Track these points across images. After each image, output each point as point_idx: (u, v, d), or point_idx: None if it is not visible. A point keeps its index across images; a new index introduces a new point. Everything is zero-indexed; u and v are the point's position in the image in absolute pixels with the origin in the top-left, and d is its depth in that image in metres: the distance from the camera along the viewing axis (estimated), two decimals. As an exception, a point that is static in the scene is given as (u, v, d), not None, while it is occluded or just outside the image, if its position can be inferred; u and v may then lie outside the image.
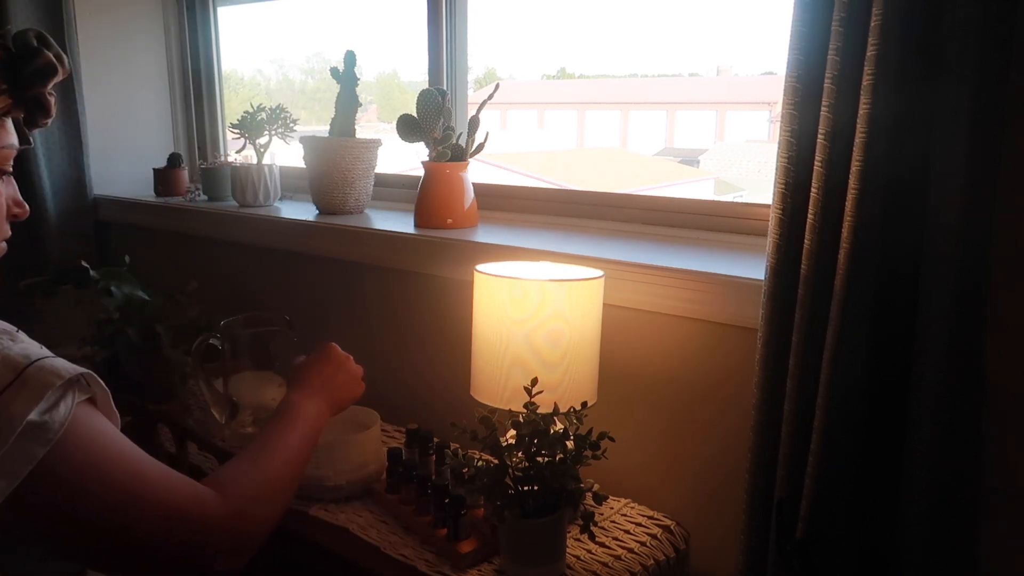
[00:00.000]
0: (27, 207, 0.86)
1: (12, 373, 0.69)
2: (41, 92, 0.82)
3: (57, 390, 0.70)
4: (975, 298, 0.93)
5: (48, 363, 0.71)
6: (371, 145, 1.80)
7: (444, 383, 1.58)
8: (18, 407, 0.67)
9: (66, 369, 0.72)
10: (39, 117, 0.84)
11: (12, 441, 0.66)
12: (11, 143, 0.82)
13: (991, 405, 0.98)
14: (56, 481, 0.69)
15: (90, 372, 0.75)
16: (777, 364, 1.04)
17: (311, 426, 1.01)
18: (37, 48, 0.81)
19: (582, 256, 1.31)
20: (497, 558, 1.14)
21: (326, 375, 1.11)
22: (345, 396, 1.13)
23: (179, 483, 0.78)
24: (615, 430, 1.11)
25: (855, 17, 0.92)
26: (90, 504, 0.71)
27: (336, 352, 1.17)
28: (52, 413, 0.69)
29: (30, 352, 0.72)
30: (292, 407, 1.01)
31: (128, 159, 2.40)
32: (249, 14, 2.50)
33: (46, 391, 0.69)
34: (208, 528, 0.78)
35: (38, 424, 0.68)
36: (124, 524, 0.73)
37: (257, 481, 0.87)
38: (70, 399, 0.71)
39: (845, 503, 1.01)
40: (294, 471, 0.93)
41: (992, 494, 1.00)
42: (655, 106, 5.48)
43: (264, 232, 1.88)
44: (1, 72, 0.79)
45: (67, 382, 0.71)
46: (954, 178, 0.90)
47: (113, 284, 1.63)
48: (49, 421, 0.69)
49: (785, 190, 1.01)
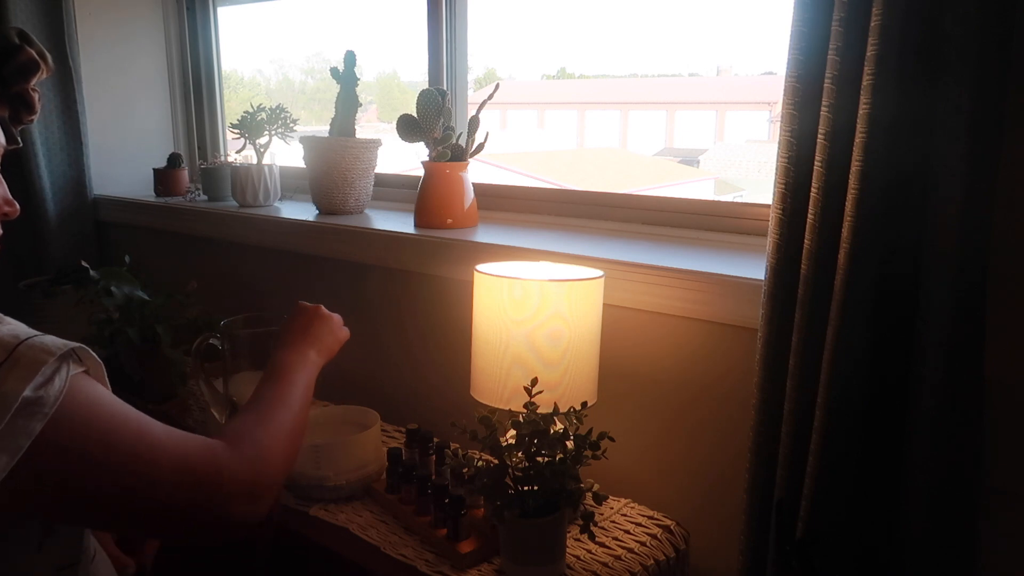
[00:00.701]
0: (17, 206, 0.86)
1: (3, 353, 0.69)
2: (24, 89, 0.82)
3: (50, 365, 0.70)
4: (975, 298, 0.93)
5: (38, 341, 0.71)
6: (371, 145, 1.80)
7: (444, 383, 1.58)
8: (12, 384, 0.67)
9: (56, 345, 0.72)
10: (24, 114, 0.84)
11: (8, 418, 0.66)
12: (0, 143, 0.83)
13: (991, 405, 0.98)
14: (59, 452, 0.69)
15: (82, 346, 0.75)
16: (777, 364, 1.04)
17: (308, 375, 1.01)
18: (18, 45, 0.82)
19: (582, 256, 1.31)
20: (497, 558, 1.14)
21: (302, 327, 1.10)
22: (330, 341, 1.11)
23: (186, 439, 0.78)
24: (615, 430, 1.11)
25: (855, 17, 0.92)
26: (98, 470, 0.71)
27: (305, 306, 1.15)
28: (47, 387, 0.69)
29: (19, 332, 0.72)
30: (281, 363, 1.01)
31: (128, 159, 2.40)
32: (249, 14, 2.50)
33: (39, 367, 0.69)
34: (221, 477, 0.77)
35: (33, 399, 0.68)
36: (135, 485, 0.73)
37: (265, 430, 0.86)
38: (64, 372, 0.71)
39: (845, 503, 1.01)
40: (298, 419, 0.93)
41: (992, 494, 1.00)
42: (655, 106, 5.48)
43: (264, 232, 1.88)
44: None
45: (59, 357, 0.71)
46: (954, 178, 0.90)
47: (113, 284, 1.63)
48: (44, 395, 0.69)
49: (785, 190, 1.01)
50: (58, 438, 0.69)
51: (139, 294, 1.65)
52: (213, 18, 2.40)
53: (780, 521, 1.04)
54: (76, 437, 0.71)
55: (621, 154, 5.75)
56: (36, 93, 0.84)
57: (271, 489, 0.83)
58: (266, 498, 0.81)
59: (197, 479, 0.76)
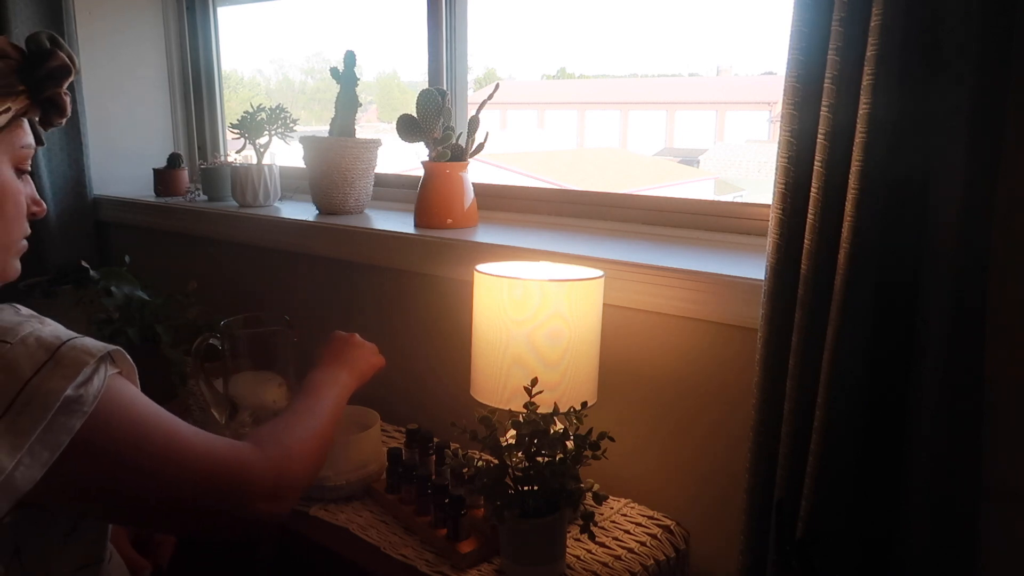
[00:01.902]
0: (44, 205, 0.90)
1: (47, 353, 0.72)
2: (57, 93, 0.84)
3: (90, 366, 0.73)
4: (975, 297, 0.93)
5: (79, 342, 0.75)
6: (371, 145, 1.80)
7: (444, 383, 1.58)
8: (55, 383, 0.70)
9: (96, 347, 0.75)
10: (54, 117, 0.86)
11: (51, 415, 0.69)
12: (29, 143, 0.85)
13: (991, 405, 0.98)
14: (96, 450, 0.73)
15: (118, 349, 0.78)
16: (777, 364, 1.04)
17: (338, 393, 1.06)
18: (50, 50, 0.83)
19: (582, 256, 1.31)
20: (497, 558, 1.14)
21: (335, 351, 1.16)
22: (364, 366, 1.17)
23: (215, 440, 0.82)
24: (615, 430, 1.11)
25: (855, 17, 0.92)
26: (129, 466, 0.75)
27: (341, 334, 1.22)
28: (87, 387, 0.72)
29: (60, 333, 0.75)
30: (311, 381, 1.07)
31: (128, 159, 2.40)
32: (249, 14, 2.50)
33: (81, 367, 0.72)
34: (246, 477, 0.81)
35: (74, 398, 0.71)
36: (163, 483, 0.77)
37: (293, 437, 0.91)
38: (103, 372, 0.75)
39: (845, 503, 1.01)
40: (325, 429, 0.98)
41: (992, 494, 1.00)
42: (655, 106, 5.48)
43: (264, 232, 1.88)
44: (17, 74, 0.82)
45: (99, 358, 0.74)
46: (954, 178, 0.90)
47: (113, 284, 1.63)
48: (84, 394, 0.72)
49: (785, 190, 1.01)
50: (94, 436, 0.73)
51: (139, 294, 1.65)
52: (213, 18, 2.40)
53: (780, 521, 1.04)
54: (111, 435, 0.74)
55: (621, 154, 5.75)
56: (67, 96, 0.86)
57: (294, 491, 0.87)
58: (289, 499, 0.86)
59: (223, 479, 0.80)
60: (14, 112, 0.81)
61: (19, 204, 0.84)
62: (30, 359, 0.71)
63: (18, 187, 0.84)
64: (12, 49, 0.83)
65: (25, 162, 0.85)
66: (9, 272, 0.85)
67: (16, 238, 0.85)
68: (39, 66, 0.83)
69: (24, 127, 0.85)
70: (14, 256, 0.86)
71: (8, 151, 0.83)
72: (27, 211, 0.86)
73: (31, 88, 0.83)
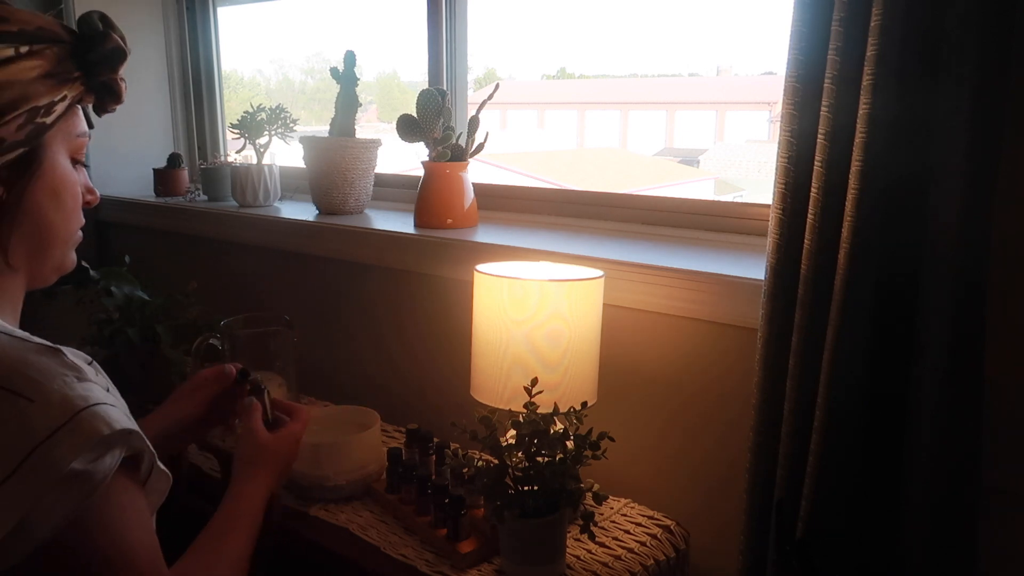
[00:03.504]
0: (97, 194, 0.87)
1: (66, 416, 0.68)
2: (113, 78, 0.82)
3: (104, 440, 0.69)
4: (975, 297, 0.93)
5: (103, 410, 0.70)
6: (371, 145, 1.80)
7: (444, 383, 1.58)
8: (65, 450, 0.66)
9: (119, 421, 0.71)
10: (109, 102, 0.83)
11: (53, 486, 0.66)
12: (85, 130, 0.82)
13: (991, 405, 0.98)
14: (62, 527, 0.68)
15: (139, 433, 0.73)
16: (777, 364, 1.04)
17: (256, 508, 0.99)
18: (104, 32, 0.81)
19: (582, 256, 1.31)
20: (497, 558, 1.14)
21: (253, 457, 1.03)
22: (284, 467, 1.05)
23: None
24: (615, 430, 1.11)
25: (855, 17, 0.92)
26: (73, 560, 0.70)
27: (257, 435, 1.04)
28: (97, 464, 0.68)
29: (90, 396, 0.70)
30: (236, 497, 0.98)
31: (128, 159, 2.40)
32: (249, 14, 2.50)
33: (94, 438, 0.68)
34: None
35: (80, 473, 0.67)
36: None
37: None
38: (117, 453, 0.70)
39: (845, 503, 1.01)
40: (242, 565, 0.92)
41: (992, 494, 1.00)
42: (655, 106, 5.48)
43: (264, 232, 1.88)
44: (70, 58, 0.78)
45: (115, 433, 0.70)
46: (954, 178, 0.90)
47: (113, 284, 1.63)
48: (92, 471, 0.68)
49: (785, 190, 1.01)
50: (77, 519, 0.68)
51: (139, 294, 1.64)
52: (213, 18, 2.40)
53: (780, 521, 1.04)
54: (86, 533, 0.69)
55: (621, 154, 5.75)
56: (123, 82, 0.83)
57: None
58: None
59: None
60: (70, 100, 0.78)
61: (77, 196, 0.82)
62: (47, 421, 0.67)
63: (75, 178, 0.82)
64: (65, 32, 0.80)
65: (81, 151, 0.82)
66: (67, 264, 0.84)
67: (75, 230, 0.83)
68: (93, 49, 0.80)
69: (79, 114, 0.82)
70: (71, 248, 0.84)
71: (65, 141, 0.80)
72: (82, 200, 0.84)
73: (85, 72, 0.79)
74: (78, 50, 0.79)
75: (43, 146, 0.77)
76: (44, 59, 0.76)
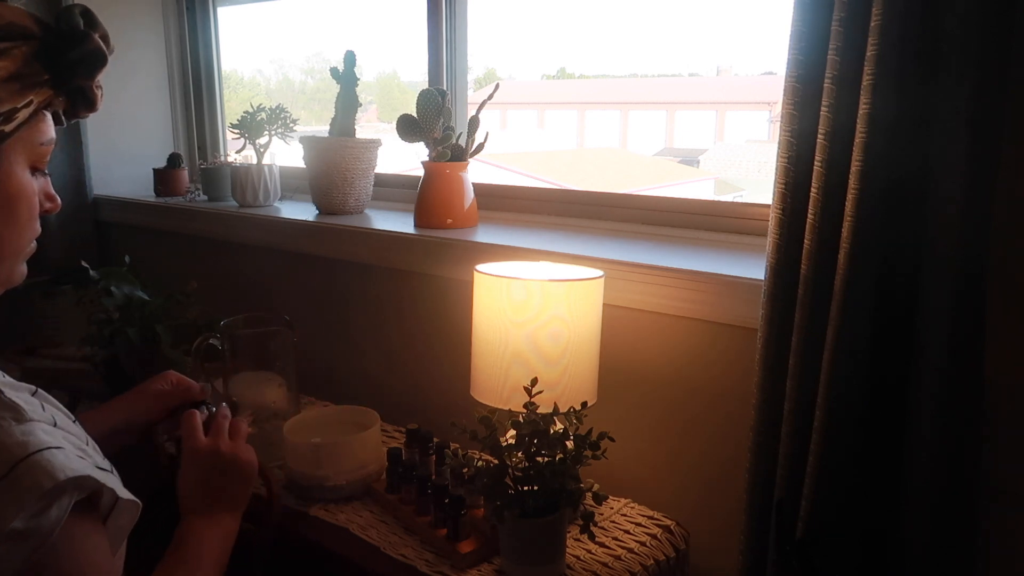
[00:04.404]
0: (59, 200, 0.80)
1: (3, 468, 0.62)
2: (88, 84, 0.73)
3: (47, 494, 0.63)
4: (975, 298, 0.93)
5: (45, 459, 0.64)
6: (371, 145, 1.80)
7: (444, 383, 1.58)
8: (3, 508, 0.61)
9: (64, 468, 0.64)
10: (81, 110, 0.75)
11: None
12: (51, 138, 0.75)
13: (991, 405, 0.98)
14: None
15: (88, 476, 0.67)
16: (777, 364, 1.04)
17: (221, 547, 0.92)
18: (84, 32, 0.71)
19: (582, 256, 1.31)
20: (497, 558, 1.14)
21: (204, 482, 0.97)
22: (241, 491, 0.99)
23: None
24: (615, 430, 1.11)
25: (855, 17, 0.92)
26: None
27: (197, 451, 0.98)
28: (41, 519, 0.63)
29: (30, 441, 0.65)
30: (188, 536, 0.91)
31: (128, 159, 2.40)
32: (249, 14, 2.50)
33: (35, 493, 0.62)
34: None
35: (22, 531, 0.62)
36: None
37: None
38: (65, 502, 0.65)
39: (845, 503, 1.01)
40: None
41: (992, 494, 1.00)
42: (655, 106, 5.48)
43: (264, 232, 1.88)
44: (41, 59, 0.69)
45: (59, 485, 0.64)
46: (954, 178, 0.90)
47: (113, 284, 1.62)
48: (35, 528, 0.62)
49: (785, 190, 1.01)
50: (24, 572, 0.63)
51: (139, 294, 1.64)
52: (213, 18, 2.40)
53: (780, 521, 1.04)
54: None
55: (621, 154, 5.75)
56: (100, 90, 0.75)
57: None
58: None
59: None
60: (36, 105, 0.70)
61: (33, 207, 0.75)
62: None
63: (33, 189, 0.74)
64: (37, 26, 0.70)
65: (44, 160, 0.75)
66: (15, 278, 0.77)
67: (26, 243, 0.76)
68: (69, 49, 0.70)
69: (47, 120, 0.73)
70: (22, 261, 0.77)
71: (26, 150, 0.72)
72: (40, 208, 0.77)
73: (56, 76, 0.71)
74: (51, 49, 0.70)
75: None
76: (10, 60, 0.67)
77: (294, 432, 1.34)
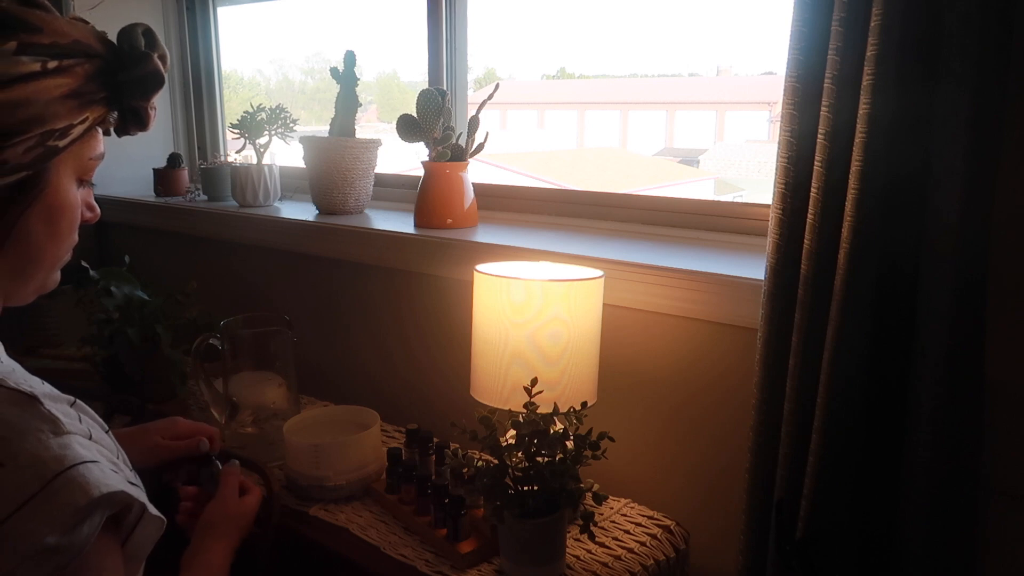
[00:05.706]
0: (98, 210, 0.81)
1: (39, 483, 0.62)
2: (143, 105, 0.74)
3: (82, 510, 0.63)
4: (975, 298, 0.93)
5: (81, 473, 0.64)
6: (371, 145, 1.80)
7: (444, 383, 1.58)
8: (38, 523, 0.61)
9: (99, 484, 0.65)
10: (133, 128, 0.76)
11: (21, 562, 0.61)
12: (100, 152, 0.76)
13: (991, 405, 0.98)
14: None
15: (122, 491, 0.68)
16: (777, 364, 1.04)
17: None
18: (144, 53, 0.72)
19: (582, 256, 1.31)
20: (497, 558, 1.14)
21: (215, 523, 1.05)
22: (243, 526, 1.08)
23: None
24: (615, 430, 1.11)
25: (855, 17, 0.92)
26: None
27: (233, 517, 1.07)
28: (73, 535, 0.63)
29: (67, 455, 0.65)
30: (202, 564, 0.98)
31: (128, 159, 2.40)
32: (249, 14, 2.50)
33: (69, 510, 0.63)
34: None
35: (54, 547, 0.62)
36: None
37: None
38: (97, 518, 0.65)
39: (845, 503, 1.01)
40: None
41: (992, 494, 1.00)
42: (655, 106, 5.48)
43: (264, 232, 1.88)
44: (100, 76, 0.71)
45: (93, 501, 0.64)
46: (954, 178, 0.90)
47: (113, 284, 1.62)
48: (67, 545, 0.63)
49: (785, 190, 1.01)
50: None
51: (139, 294, 1.64)
52: (213, 18, 2.40)
53: (780, 521, 1.04)
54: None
55: (621, 154, 5.75)
56: (154, 111, 0.76)
57: None
58: None
59: None
60: (90, 123, 0.71)
61: (75, 220, 0.76)
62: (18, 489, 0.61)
63: (78, 202, 0.75)
64: (100, 45, 0.71)
65: (90, 173, 0.76)
66: (49, 285, 0.78)
67: (65, 252, 0.78)
68: (128, 69, 0.71)
69: (98, 135, 0.75)
70: (57, 269, 0.79)
71: (76, 164, 0.73)
72: (81, 219, 0.78)
73: (112, 94, 0.71)
74: (111, 67, 0.72)
75: (48, 169, 0.70)
76: (72, 77, 0.68)
77: (294, 432, 1.34)
